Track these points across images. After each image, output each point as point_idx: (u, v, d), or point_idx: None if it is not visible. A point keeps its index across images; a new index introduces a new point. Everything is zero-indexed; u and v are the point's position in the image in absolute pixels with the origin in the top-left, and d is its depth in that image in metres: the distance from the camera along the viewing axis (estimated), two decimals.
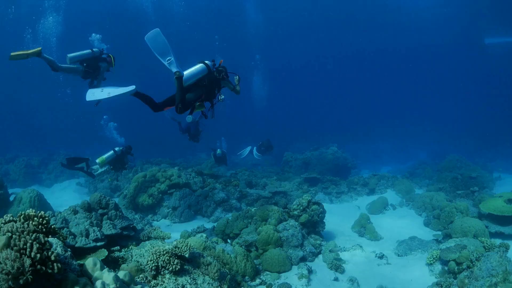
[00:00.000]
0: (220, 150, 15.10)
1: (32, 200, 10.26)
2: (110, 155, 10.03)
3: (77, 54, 8.11)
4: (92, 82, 8.52)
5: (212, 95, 6.44)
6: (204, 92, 6.25)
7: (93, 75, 8.40)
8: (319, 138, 28.55)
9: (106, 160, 9.94)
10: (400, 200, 13.41)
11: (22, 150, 23.13)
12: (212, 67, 6.34)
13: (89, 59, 8.26)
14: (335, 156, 18.78)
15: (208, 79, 6.25)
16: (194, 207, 11.24)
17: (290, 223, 7.87)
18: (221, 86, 6.57)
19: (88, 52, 8.27)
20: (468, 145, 27.92)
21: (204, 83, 6.24)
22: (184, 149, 25.84)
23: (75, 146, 28.56)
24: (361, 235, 9.87)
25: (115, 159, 10.10)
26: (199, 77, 6.18)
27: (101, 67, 8.42)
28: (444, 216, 10.00)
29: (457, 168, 17.14)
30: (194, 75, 6.12)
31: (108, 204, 6.39)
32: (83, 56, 8.18)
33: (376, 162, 26.54)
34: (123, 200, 11.69)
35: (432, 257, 7.38)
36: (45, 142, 31.21)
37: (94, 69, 8.32)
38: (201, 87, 6.24)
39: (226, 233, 8.08)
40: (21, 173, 18.33)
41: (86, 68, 8.18)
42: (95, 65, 8.32)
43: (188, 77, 6.04)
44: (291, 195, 13.19)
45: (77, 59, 8.11)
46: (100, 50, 8.53)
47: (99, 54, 8.45)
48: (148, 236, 6.28)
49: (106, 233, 5.79)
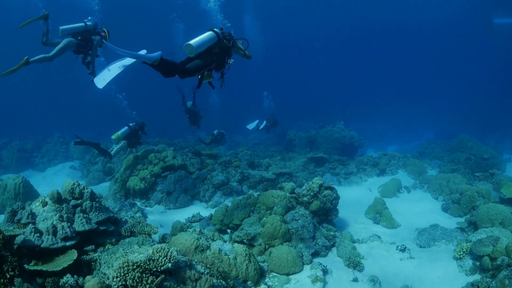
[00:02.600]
0: (217, 130, 15.26)
1: (17, 187, 9.49)
2: (124, 130, 10.25)
3: (69, 26, 7.75)
4: (85, 58, 8.25)
5: (223, 63, 6.15)
6: (215, 60, 5.89)
7: (86, 49, 8.09)
8: (323, 116, 28.01)
9: (121, 135, 10.13)
10: (414, 182, 12.56)
11: (17, 135, 22.45)
12: (221, 35, 5.97)
13: (81, 32, 7.95)
14: (342, 135, 17.74)
15: (218, 47, 5.91)
16: (191, 191, 10.21)
17: (299, 212, 6.77)
18: (231, 53, 6.25)
19: (81, 26, 7.94)
20: (475, 125, 27.29)
21: (215, 51, 5.89)
22: (184, 128, 25.11)
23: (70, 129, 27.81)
24: (377, 222, 8.95)
25: (129, 134, 10.34)
26: (210, 45, 5.78)
27: (94, 40, 8.10)
28: (465, 201, 9.27)
29: (468, 149, 16.59)
30: (205, 42, 5.69)
31: (83, 194, 5.35)
32: (75, 29, 7.85)
33: (381, 141, 25.89)
34: (115, 184, 10.70)
35: (462, 251, 6.58)
36: (40, 125, 30.36)
37: (87, 42, 8.01)
38: (212, 55, 5.87)
39: (225, 223, 6.99)
40: (14, 158, 17.60)
41: (80, 41, 7.86)
42: (88, 38, 8.02)
43: (198, 45, 5.57)
44: (296, 177, 12.24)
45: (69, 32, 7.76)
46: (94, 24, 8.21)
47: (92, 28, 8.14)
48: (131, 231, 5.29)
49: (78, 230, 4.79)
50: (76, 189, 5.37)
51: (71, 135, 20.20)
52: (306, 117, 29.01)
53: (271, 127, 18.31)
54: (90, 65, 8.34)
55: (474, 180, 11.67)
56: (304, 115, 30.46)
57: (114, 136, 10.01)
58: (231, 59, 6.23)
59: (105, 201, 8.82)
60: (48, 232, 4.48)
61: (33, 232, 4.36)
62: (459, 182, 10.89)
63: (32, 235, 4.33)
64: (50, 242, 4.38)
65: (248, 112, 26.01)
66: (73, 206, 5.18)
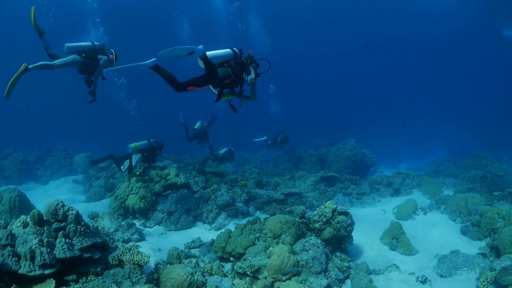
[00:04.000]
0: (227, 148, 15.38)
1: (12, 201, 8.98)
2: (143, 143, 10.22)
3: (75, 44, 7.52)
4: (89, 78, 7.86)
5: (240, 79, 6.05)
6: (232, 73, 5.87)
7: (91, 68, 7.69)
8: (333, 133, 28.04)
9: (140, 147, 10.07)
10: (430, 203, 11.86)
11: (21, 145, 22.24)
12: (238, 54, 6.12)
13: (88, 51, 7.64)
14: (354, 152, 17.07)
15: (234, 62, 5.97)
16: (194, 211, 9.58)
17: (310, 241, 6.05)
18: (248, 70, 6.10)
19: (88, 45, 7.69)
20: (486, 141, 26.97)
21: (231, 64, 5.95)
22: (191, 144, 24.91)
23: (76, 141, 27.66)
24: (393, 249, 8.29)
25: (147, 149, 10.28)
26: (225, 59, 5.92)
27: (100, 60, 7.72)
28: (485, 223, 8.69)
29: (483, 166, 16.18)
30: (219, 56, 5.85)
31: (67, 216, 4.79)
32: (81, 48, 7.57)
33: (392, 158, 25.45)
34: (114, 202, 10.13)
35: (486, 281, 5.96)
36: (45, 137, 30.36)
37: (93, 61, 7.64)
38: (228, 68, 5.90)
39: (227, 250, 6.30)
40: (16, 169, 17.22)
41: (85, 58, 7.49)
42: (93, 57, 7.67)
43: (212, 57, 5.70)
44: (306, 197, 11.60)
45: (75, 50, 7.48)
46: (102, 44, 7.92)
47: (99, 48, 7.84)
48: (119, 259, 4.68)
49: (58, 256, 4.26)
50: (59, 210, 4.83)
51: (75, 148, 19.97)
52: (316, 134, 28.61)
53: (282, 144, 17.89)
54: (92, 85, 7.94)
55: (492, 199, 11.04)
56: (314, 132, 30.10)
57: (133, 145, 9.94)
58: (248, 77, 6.03)
59: (101, 220, 8.25)
60: (25, 257, 4.01)
61: (11, 256, 3.96)
62: (477, 202, 10.31)
63: (10, 258, 3.94)
64: (27, 269, 3.94)
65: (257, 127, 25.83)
66: (55, 229, 4.64)
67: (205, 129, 14.41)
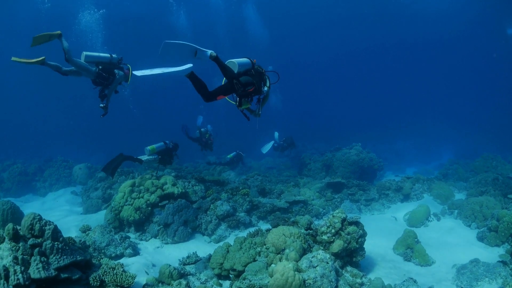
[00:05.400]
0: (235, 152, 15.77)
1: (5, 213, 8.63)
2: (160, 145, 10.02)
3: (94, 54, 7.31)
4: (103, 91, 7.67)
5: (260, 88, 6.08)
6: (256, 81, 5.90)
7: (106, 81, 7.53)
8: (338, 138, 27.52)
9: (156, 149, 9.87)
10: (442, 208, 11.32)
11: (22, 157, 22.04)
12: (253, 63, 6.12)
13: (105, 63, 7.47)
14: (360, 157, 16.45)
15: (255, 71, 6.00)
16: (192, 223, 8.99)
17: (318, 256, 5.39)
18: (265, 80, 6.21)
19: (106, 56, 7.49)
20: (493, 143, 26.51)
21: (252, 73, 5.94)
22: (194, 152, 24.50)
23: (77, 152, 27.31)
24: (408, 259, 7.71)
25: (164, 151, 10.06)
26: (247, 68, 5.90)
27: (116, 75, 7.61)
28: (503, 228, 8.21)
29: (493, 168, 15.76)
30: (244, 64, 5.84)
31: (43, 231, 4.25)
32: (99, 59, 7.38)
33: (399, 163, 24.80)
34: (110, 214, 9.58)
35: None
36: (46, 147, 30.10)
37: (109, 74, 7.51)
38: (250, 76, 5.89)
39: (225, 267, 5.69)
40: (15, 181, 16.85)
41: (101, 70, 7.33)
42: (110, 70, 7.54)
43: (240, 64, 5.73)
44: (312, 205, 11.02)
45: (92, 60, 7.28)
46: (119, 58, 7.75)
47: (117, 61, 7.68)
48: (101, 280, 4.12)
49: (33, 277, 3.78)
50: (36, 224, 4.30)
51: (74, 159, 19.55)
52: (320, 139, 28.19)
53: (287, 148, 17.39)
54: (105, 99, 7.64)
55: (507, 203, 10.47)
56: (318, 137, 29.63)
57: (150, 148, 9.73)
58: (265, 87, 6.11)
59: (93, 233, 7.68)
60: None
61: None
62: (492, 206, 9.85)
63: None
64: None
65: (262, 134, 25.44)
66: (31, 245, 4.13)
67: (209, 135, 14.31)
